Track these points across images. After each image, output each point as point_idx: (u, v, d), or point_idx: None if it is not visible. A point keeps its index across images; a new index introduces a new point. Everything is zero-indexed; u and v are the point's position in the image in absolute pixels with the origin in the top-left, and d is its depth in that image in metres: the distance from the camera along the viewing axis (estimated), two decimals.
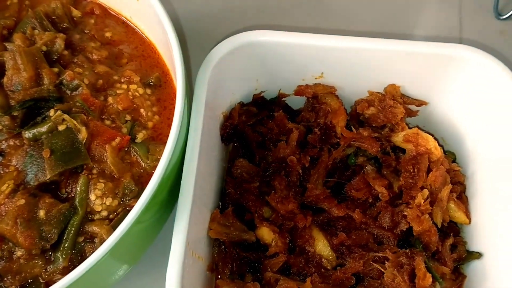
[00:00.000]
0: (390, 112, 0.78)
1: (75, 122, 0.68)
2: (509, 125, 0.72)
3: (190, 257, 0.63)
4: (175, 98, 0.64)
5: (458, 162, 0.81)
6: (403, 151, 0.78)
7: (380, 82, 0.80)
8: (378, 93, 0.80)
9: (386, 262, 0.68)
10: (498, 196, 0.71)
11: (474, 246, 0.75)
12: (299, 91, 0.80)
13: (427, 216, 0.71)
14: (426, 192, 0.72)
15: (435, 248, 0.72)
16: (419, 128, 0.78)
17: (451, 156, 0.81)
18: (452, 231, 0.76)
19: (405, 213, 0.71)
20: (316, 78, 0.80)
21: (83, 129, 0.67)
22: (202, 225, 0.70)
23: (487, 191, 0.74)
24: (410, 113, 0.82)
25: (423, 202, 0.71)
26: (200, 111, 0.67)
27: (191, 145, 0.65)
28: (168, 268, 0.59)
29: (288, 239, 0.72)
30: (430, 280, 0.66)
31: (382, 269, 0.68)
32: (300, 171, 0.76)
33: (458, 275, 0.74)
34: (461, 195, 0.77)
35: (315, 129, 0.78)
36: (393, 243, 0.73)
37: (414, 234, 0.72)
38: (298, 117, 0.82)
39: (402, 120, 0.78)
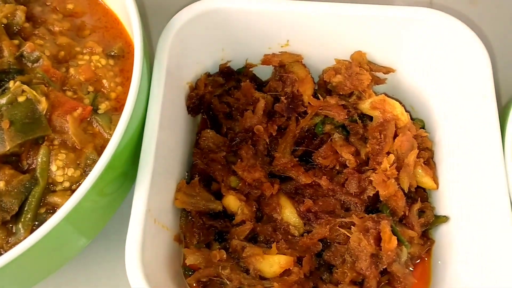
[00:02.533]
0: (356, 79, 0.77)
1: (34, 93, 0.67)
2: (474, 92, 0.71)
3: (152, 225, 0.62)
4: None
5: (426, 129, 0.81)
6: (371, 118, 0.78)
7: (348, 49, 0.80)
8: (345, 60, 0.79)
9: (352, 227, 0.68)
10: (463, 162, 0.71)
11: (441, 211, 0.75)
12: (266, 60, 0.80)
13: (393, 180, 0.70)
14: (392, 157, 0.72)
15: (402, 213, 0.72)
16: (386, 95, 0.78)
17: (419, 123, 0.81)
18: (420, 197, 0.76)
19: (371, 179, 0.71)
20: (282, 47, 0.79)
21: (43, 99, 0.66)
22: (168, 196, 0.70)
23: (453, 156, 0.74)
24: (378, 81, 0.82)
25: (389, 167, 0.71)
26: (161, 80, 0.67)
27: (151, 113, 0.65)
28: (128, 234, 0.58)
29: (255, 207, 0.72)
30: (395, 243, 0.66)
31: (348, 234, 0.68)
32: (267, 140, 0.75)
33: (427, 240, 0.74)
34: (428, 161, 0.77)
35: (282, 97, 0.77)
36: (360, 209, 0.72)
37: (381, 199, 0.72)
38: (266, 86, 0.81)
39: (369, 87, 0.78)
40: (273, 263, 0.65)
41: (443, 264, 0.73)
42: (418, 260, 0.74)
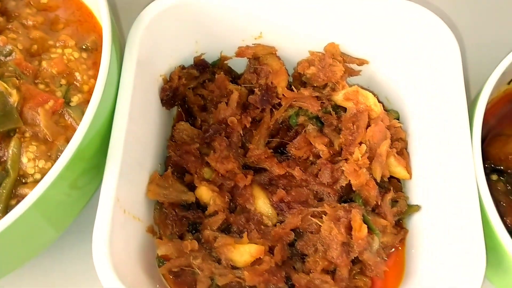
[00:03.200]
0: (329, 70, 0.78)
1: (5, 85, 0.67)
2: (444, 83, 0.72)
3: (121, 215, 0.63)
4: None
5: (401, 119, 0.82)
6: (345, 110, 0.78)
7: (323, 41, 0.80)
8: (319, 52, 0.80)
9: (324, 216, 0.69)
10: (434, 152, 0.72)
11: (415, 201, 0.75)
12: (240, 53, 0.80)
13: (365, 170, 0.71)
14: (364, 147, 0.72)
15: (375, 203, 0.72)
16: (359, 86, 0.78)
17: (394, 114, 0.82)
18: (394, 187, 0.77)
19: (343, 168, 0.71)
20: (255, 39, 0.79)
21: (14, 92, 0.67)
22: (140, 187, 0.70)
23: (425, 147, 0.74)
24: (352, 72, 0.82)
25: (361, 157, 0.71)
26: (131, 71, 0.67)
27: (121, 103, 0.65)
28: (95, 223, 0.59)
29: (228, 198, 0.72)
30: (365, 231, 0.67)
31: (320, 223, 0.69)
32: (241, 131, 0.76)
33: (400, 229, 0.75)
34: (402, 151, 0.77)
35: (256, 89, 0.77)
36: (333, 199, 0.73)
37: (354, 189, 0.72)
38: (241, 79, 0.81)
39: (342, 78, 0.78)
40: (243, 252, 0.65)
41: (416, 253, 0.73)
42: (392, 249, 0.75)
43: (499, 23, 0.92)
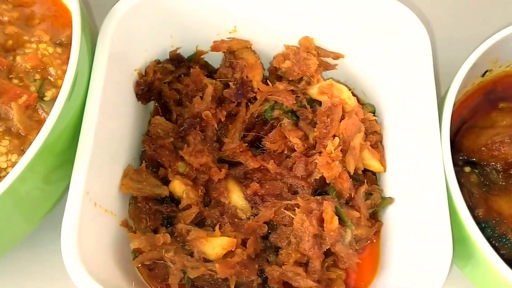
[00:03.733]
0: (304, 64, 0.78)
1: None
2: (415, 77, 0.72)
3: (92, 208, 0.63)
4: None
5: (377, 113, 0.82)
6: (321, 104, 0.79)
7: (298, 35, 0.80)
8: (294, 46, 0.80)
9: (296, 209, 0.69)
10: (407, 145, 0.72)
11: (389, 194, 0.76)
12: (215, 47, 0.80)
13: (338, 162, 0.71)
14: (337, 140, 0.73)
15: (348, 195, 0.73)
16: (334, 80, 0.78)
17: (370, 108, 0.82)
18: (369, 180, 0.77)
19: (317, 161, 0.71)
20: (230, 32, 0.80)
21: None
22: (113, 181, 0.70)
23: (399, 140, 0.75)
24: (327, 66, 0.82)
25: (334, 150, 0.72)
26: (102, 65, 0.67)
27: (91, 96, 0.65)
28: (64, 216, 0.59)
29: (202, 192, 0.72)
30: (337, 223, 0.67)
31: (292, 216, 0.69)
32: (216, 125, 0.76)
33: (375, 222, 0.75)
34: (377, 144, 0.78)
35: (231, 83, 0.78)
36: (307, 192, 0.73)
37: (327, 181, 0.73)
38: (217, 73, 0.81)
39: (317, 72, 0.79)
40: (215, 245, 0.66)
41: (391, 245, 0.74)
42: (368, 242, 0.75)
43: (471, 17, 0.92)
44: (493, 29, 0.73)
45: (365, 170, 0.78)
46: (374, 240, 0.75)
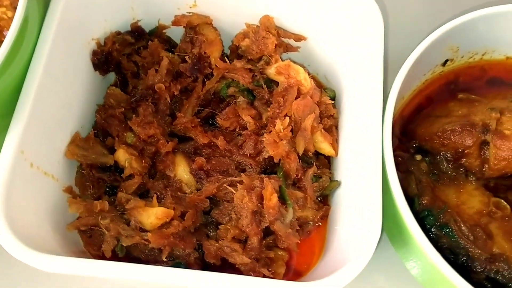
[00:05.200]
0: (262, 43, 0.77)
1: None
2: (367, 64, 0.70)
3: (27, 168, 0.63)
4: None
5: (337, 98, 0.81)
6: (278, 84, 0.78)
7: (261, 15, 0.80)
8: (254, 25, 0.79)
9: (238, 185, 0.68)
10: (355, 130, 0.71)
11: (339, 178, 0.75)
12: (176, 21, 0.80)
13: (285, 142, 0.70)
14: (287, 119, 0.72)
15: (295, 176, 0.72)
16: (297, 63, 0.77)
17: (330, 93, 0.81)
18: (322, 163, 0.76)
19: (263, 139, 0.71)
20: (190, 7, 0.79)
21: None
22: (59, 146, 0.70)
23: (350, 125, 0.73)
24: (289, 48, 0.82)
25: (283, 129, 0.71)
26: (51, 27, 0.67)
27: (37, 57, 0.65)
28: None
29: (148, 163, 0.72)
30: (275, 200, 0.66)
31: (234, 192, 0.68)
32: (168, 99, 0.75)
33: (323, 206, 0.74)
34: (331, 128, 0.77)
35: (186, 57, 0.77)
36: (255, 171, 0.72)
37: (275, 160, 0.72)
38: (176, 48, 0.81)
39: (276, 52, 0.78)
40: (150, 214, 0.65)
41: (338, 229, 0.73)
42: (318, 224, 0.74)
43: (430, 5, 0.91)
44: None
45: (319, 154, 0.77)
46: (320, 224, 0.74)
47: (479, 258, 0.64)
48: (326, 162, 0.77)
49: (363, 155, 0.65)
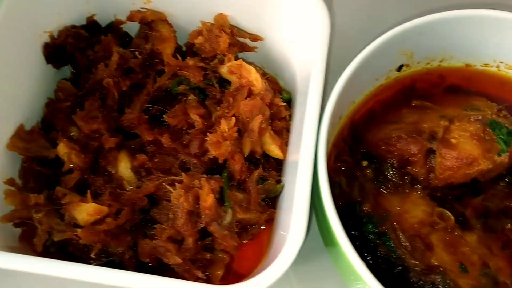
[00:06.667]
0: (215, 41, 0.76)
1: None
2: (311, 68, 0.68)
3: None
4: None
5: (293, 100, 0.80)
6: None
7: (217, 13, 0.79)
8: (209, 23, 0.78)
9: (177, 184, 0.67)
10: (299, 134, 0.69)
11: (285, 180, 0.73)
12: (130, 17, 0.79)
13: (229, 142, 0.69)
14: (233, 120, 0.71)
15: (240, 177, 0.71)
16: (244, 60, 0.76)
17: (285, 95, 0.80)
18: (270, 166, 0.75)
19: (207, 139, 0.70)
20: (144, 3, 0.78)
21: None
22: (1, 138, 0.70)
23: (296, 128, 0.72)
24: (245, 48, 0.81)
25: (228, 129, 0.70)
26: None
27: None
28: None
29: (89, 159, 0.71)
30: (211, 200, 0.65)
31: (172, 191, 0.67)
32: (116, 94, 0.75)
33: (267, 209, 0.73)
34: (281, 131, 0.75)
35: (137, 53, 0.76)
36: (200, 170, 0.71)
37: (220, 161, 0.71)
38: (131, 44, 0.80)
39: (229, 51, 0.77)
40: (83, 210, 0.64)
41: (283, 233, 0.71)
42: (263, 227, 0.73)
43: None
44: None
45: (269, 156, 0.75)
46: (264, 227, 0.73)
47: (414, 269, 0.62)
48: (275, 165, 0.76)
49: (300, 160, 0.63)
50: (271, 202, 0.75)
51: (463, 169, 0.65)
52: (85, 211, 0.64)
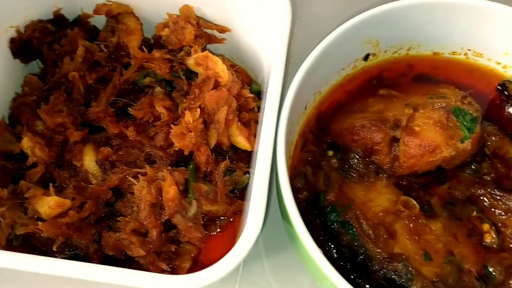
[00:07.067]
0: (181, 33, 0.76)
1: None
2: (275, 57, 0.68)
3: None
4: None
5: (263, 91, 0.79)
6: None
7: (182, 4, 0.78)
8: (175, 15, 0.78)
9: (140, 176, 0.67)
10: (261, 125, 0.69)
11: (252, 171, 0.73)
12: (97, 10, 0.79)
13: (193, 134, 0.69)
14: (197, 111, 0.70)
15: (206, 169, 0.70)
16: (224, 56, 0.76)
17: (255, 87, 0.79)
18: (239, 158, 0.75)
19: (171, 130, 0.69)
20: None
21: None
22: None
23: (262, 120, 0.72)
24: (213, 39, 0.80)
25: (192, 121, 0.69)
26: None
27: None
28: None
29: (54, 152, 0.71)
30: (173, 192, 0.65)
31: (136, 183, 0.67)
32: (82, 88, 0.74)
33: (235, 200, 0.72)
34: (249, 122, 0.75)
35: (102, 46, 0.76)
36: (166, 163, 0.71)
37: (185, 153, 0.70)
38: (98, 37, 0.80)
39: (195, 43, 0.76)
40: (45, 204, 0.64)
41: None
42: (231, 219, 0.73)
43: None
44: None
45: (238, 148, 0.75)
46: (231, 219, 0.73)
47: (376, 257, 0.62)
48: (244, 156, 0.75)
49: (258, 150, 0.63)
50: (240, 193, 0.75)
51: (426, 156, 0.65)
52: (47, 204, 0.64)
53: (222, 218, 0.73)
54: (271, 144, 0.62)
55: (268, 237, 0.79)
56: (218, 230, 0.73)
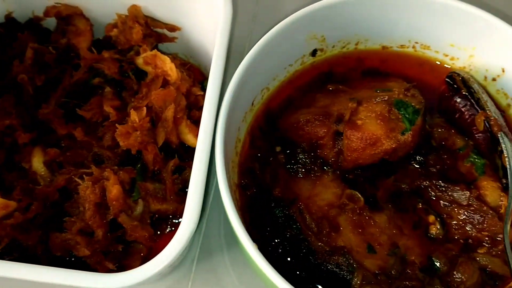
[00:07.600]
0: (129, 33, 0.76)
1: None
2: (217, 58, 0.68)
3: None
4: None
5: None
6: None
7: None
8: (123, 15, 0.78)
9: (85, 176, 0.67)
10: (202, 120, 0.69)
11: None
12: (46, 12, 0.79)
13: (139, 133, 0.69)
14: (144, 110, 0.70)
15: (154, 168, 0.71)
16: (159, 50, 0.76)
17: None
18: (191, 156, 0.75)
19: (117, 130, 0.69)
20: None
21: None
22: None
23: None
24: (163, 38, 0.81)
25: (138, 120, 0.70)
26: None
27: None
28: None
29: (3, 155, 0.71)
30: (115, 191, 0.65)
31: (81, 183, 0.67)
32: (31, 90, 0.74)
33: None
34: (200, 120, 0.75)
35: (50, 48, 0.76)
36: (114, 162, 0.71)
37: (133, 152, 0.70)
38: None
39: (144, 42, 0.77)
40: None
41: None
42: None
43: None
44: None
45: (189, 146, 0.75)
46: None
47: (318, 250, 0.62)
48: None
49: (196, 147, 0.63)
50: None
51: (368, 149, 0.65)
52: None
53: (176, 216, 0.73)
54: (208, 142, 0.62)
55: (228, 231, 0.79)
56: (171, 228, 0.73)
